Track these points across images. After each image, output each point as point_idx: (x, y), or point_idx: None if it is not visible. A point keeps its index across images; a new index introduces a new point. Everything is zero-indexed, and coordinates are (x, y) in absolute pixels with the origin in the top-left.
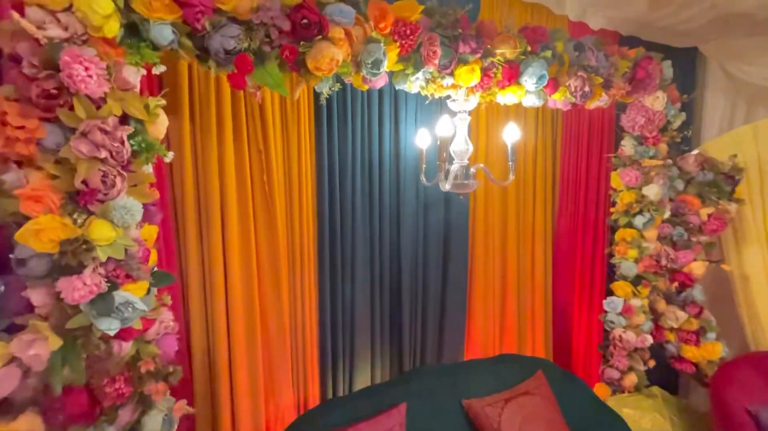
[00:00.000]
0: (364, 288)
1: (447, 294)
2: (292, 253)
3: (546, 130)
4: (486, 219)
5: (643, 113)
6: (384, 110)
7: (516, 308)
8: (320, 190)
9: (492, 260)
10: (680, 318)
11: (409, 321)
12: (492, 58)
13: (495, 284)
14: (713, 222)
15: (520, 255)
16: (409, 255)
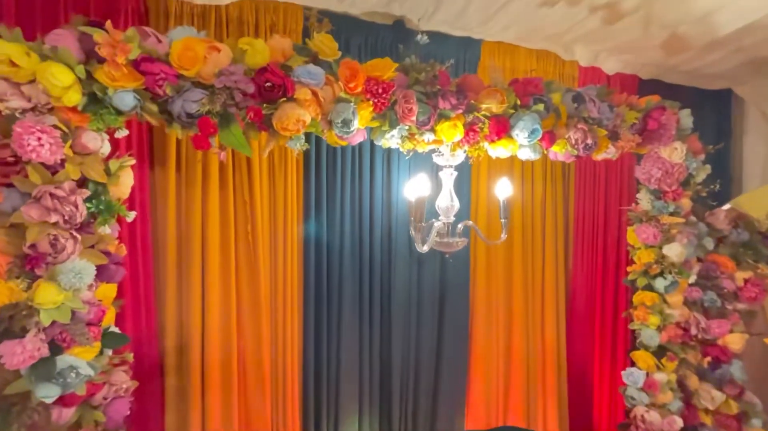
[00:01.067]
0: (352, 346)
1: (443, 355)
2: (275, 305)
3: (556, 179)
4: (489, 276)
5: (660, 165)
6: (376, 159)
7: (524, 374)
8: (307, 241)
9: (495, 320)
10: (716, 399)
11: (400, 384)
12: (477, 113)
13: (499, 346)
14: (751, 288)
15: (528, 315)
16: (401, 312)
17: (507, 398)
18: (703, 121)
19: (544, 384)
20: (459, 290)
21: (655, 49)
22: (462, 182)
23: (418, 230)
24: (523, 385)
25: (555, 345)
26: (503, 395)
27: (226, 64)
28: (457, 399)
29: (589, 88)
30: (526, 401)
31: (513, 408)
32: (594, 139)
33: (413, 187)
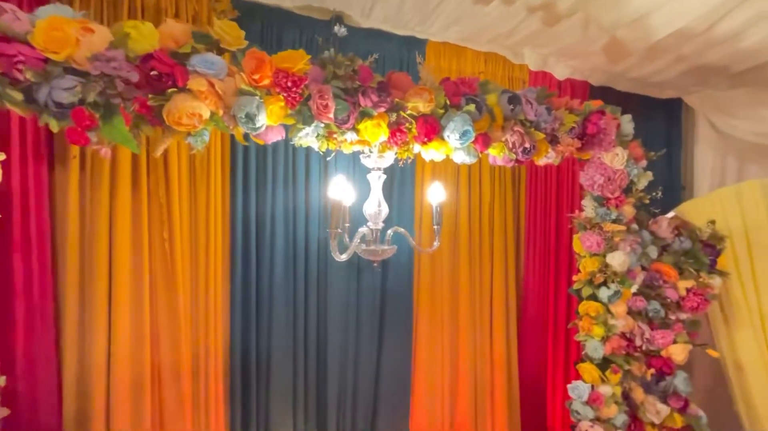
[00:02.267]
0: (284, 356)
1: (384, 363)
2: (196, 318)
3: (506, 184)
4: (434, 283)
5: (602, 171)
6: (312, 160)
7: (471, 383)
8: (233, 248)
9: (440, 328)
10: (661, 413)
11: (338, 393)
12: (402, 113)
13: (444, 355)
14: (693, 298)
15: (476, 324)
16: (339, 320)
17: (453, 407)
18: (655, 129)
19: (492, 393)
20: (402, 297)
21: (598, 54)
22: (405, 186)
23: (334, 237)
24: (470, 394)
25: (504, 353)
26: (449, 404)
27: (102, 47)
28: (400, 407)
29: (528, 90)
30: (473, 410)
31: (460, 417)
32: (532, 143)
33: (331, 190)
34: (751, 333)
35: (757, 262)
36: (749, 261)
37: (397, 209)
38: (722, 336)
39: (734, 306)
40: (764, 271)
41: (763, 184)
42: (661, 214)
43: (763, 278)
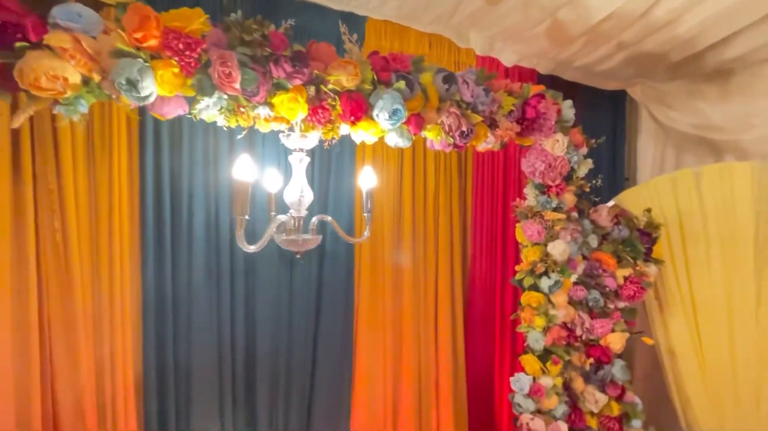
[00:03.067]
0: (209, 363)
1: (320, 361)
2: (99, 323)
3: (451, 172)
4: (375, 276)
5: (543, 158)
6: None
7: (416, 379)
8: (144, 240)
9: (383, 323)
10: (600, 401)
11: (269, 394)
12: (324, 87)
13: (387, 351)
14: (630, 286)
15: (420, 318)
16: (269, 319)
17: (397, 403)
18: (601, 121)
19: (438, 388)
20: (340, 290)
21: (541, 38)
22: (343, 172)
23: (240, 225)
24: (414, 390)
25: (450, 347)
26: (392, 400)
27: None
28: (340, 406)
29: (468, 71)
30: (417, 406)
31: (403, 415)
32: (469, 126)
33: (236, 170)
34: (683, 319)
35: (690, 249)
36: (683, 249)
37: (335, 196)
38: (657, 324)
39: (668, 293)
40: (696, 258)
41: (696, 172)
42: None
43: (695, 265)
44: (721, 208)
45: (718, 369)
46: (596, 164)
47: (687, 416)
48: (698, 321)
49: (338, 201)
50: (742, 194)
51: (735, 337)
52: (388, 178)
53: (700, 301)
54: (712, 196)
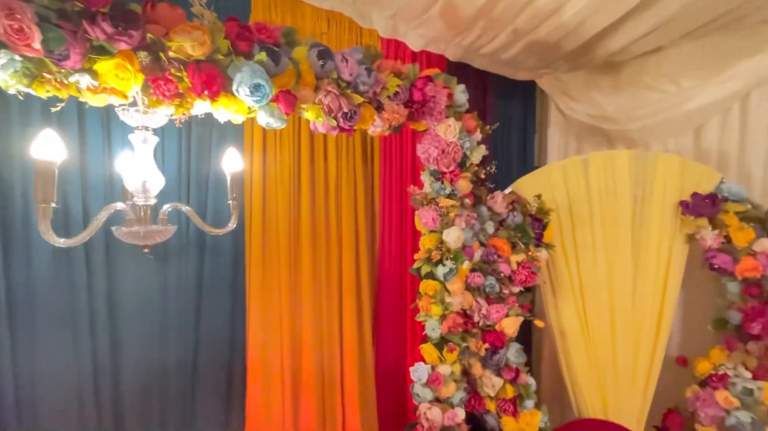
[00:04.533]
0: (61, 376)
1: (203, 364)
2: None
3: (355, 160)
4: (268, 270)
5: (436, 144)
6: (88, 115)
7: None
8: None
9: (279, 318)
10: (496, 385)
11: (140, 417)
12: (163, 54)
13: (284, 348)
14: (522, 271)
15: (322, 313)
16: (138, 323)
17: (297, 406)
18: (513, 111)
19: (343, 386)
20: (226, 288)
21: (437, 21)
22: None
23: (43, 215)
24: (316, 390)
25: (356, 342)
26: (291, 403)
27: None
28: (228, 414)
29: (354, 50)
30: (320, 407)
31: (305, 418)
32: (352, 107)
33: (35, 148)
34: (572, 301)
35: (578, 234)
36: (572, 233)
37: (215, 182)
38: (550, 306)
39: (559, 276)
40: (584, 243)
41: (583, 160)
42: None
43: (582, 249)
44: (604, 194)
45: (601, 346)
46: (508, 153)
47: (575, 391)
48: (585, 302)
49: (219, 187)
50: (621, 180)
51: (615, 316)
52: (283, 163)
53: (586, 283)
54: (597, 183)
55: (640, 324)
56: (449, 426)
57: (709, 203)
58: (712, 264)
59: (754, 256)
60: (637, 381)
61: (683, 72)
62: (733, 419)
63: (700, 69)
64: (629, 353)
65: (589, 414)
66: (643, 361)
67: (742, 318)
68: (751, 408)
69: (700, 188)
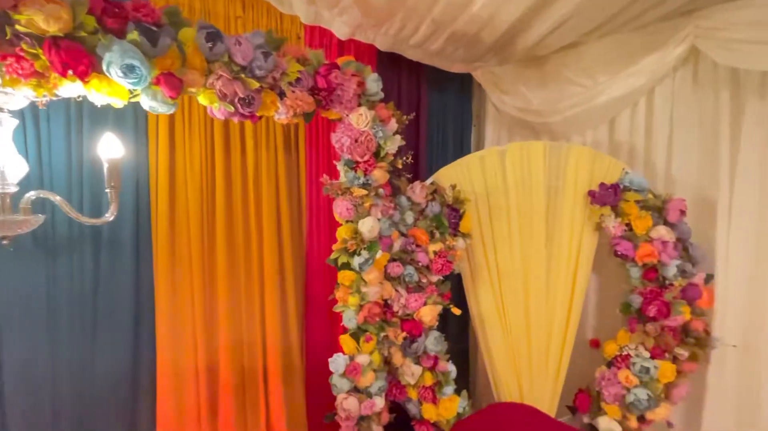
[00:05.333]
0: None
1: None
2: None
3: (276, 149)
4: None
5: (349, 133)
6: None
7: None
8: None
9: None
10: (416, 373)
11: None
12: (9, 28)
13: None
14: (439, 261)
15: (241, 309)
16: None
17: (214, 410)
18: (449, 103)
19: (267, 386)
20: (128, 287)
21: (353, 7)
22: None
23: None
24: (235, 392)
25: (279, 337)
26: (208, 404)
27: None
28: (135, 420)
29: (255, 34)
30: (241, 409)
31: (224, 417)
32: (248, 93)
33: None
34: (490, 289)
35: (496, 224)
36: (490, 223)
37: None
38: (470, 293)
39: (478, 265)
40: (501, 232)
41: (500, 151)
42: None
43: (499, 238)
44: (520, 184)
45: (516, 332)
46: (444, 146)
47: (494, 376)
48: (502, 290)
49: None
50: (536, 171)
51: (530, 303)
52: (193, 151)
53: (503, 271)
54: (514, 173)
55: (552, 311)
56: (367, 415)
57: (612, 192)
58: (616, 251)
59: (651, 242)
60: (549, 364)
61: (598, 67)
62: (632, 396)
63: (611, 64)
64: (543, 338)
65: (506, 398)
66: (555, 346)
67: (641, 301)
68: (648, 385)
69: (607, 179)
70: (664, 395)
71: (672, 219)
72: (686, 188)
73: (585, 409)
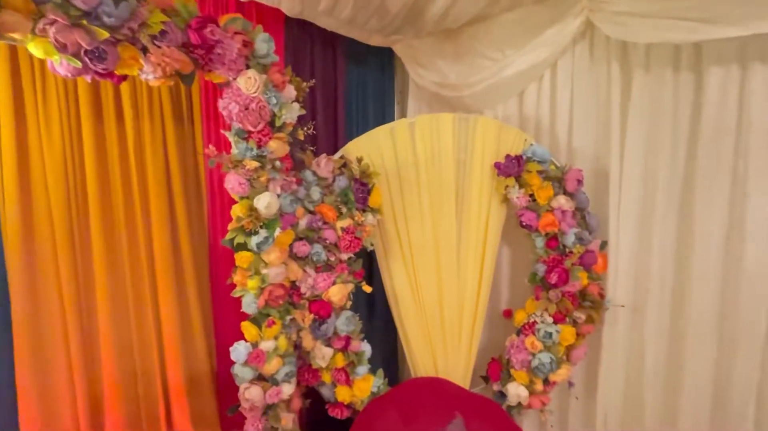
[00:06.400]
0: None
1: None
2: None
3: (163, 121)
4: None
5: (237, 98)
6: None
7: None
8: None
9: (61, 314)
10: (327, 355)
11: None
12: None
13: (71, 346)
14: (346, 237)
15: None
16: None
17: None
18: (370, 77)
19: (165, 390)
20: None
21: None
22: None
23: None
24: (126, 399)
25: (178, 334)
26: (90, 420)
27: None
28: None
29: None
30: (134, 417)
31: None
32: (96, 44)
33: None
34: (403, 264)
35: (406, 197)
36: (401, 198)
37: None
38: (384, 270)
39: (391, 241)
40: (411, 205)
41: (411, 123)
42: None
43: (411, 213)
44: (430, 157)
45: (430, 307)
46: (365, 123)
47: (410, 353)
48: (415, 265)
49: None
50: (445, 144)
51: (442, 277)
52: (50, 122)
53: (416, 246)
54: (423, 146)
55: (464, 284)
56: (274, 403)
57: (516, 163)
58: (522, 222)
59: (552, 212)
60: (462, 337)
61: (506, 40)
62: (536, 361)
63: (518, 37)
64: (455, 311)
65: (422, 373)
66: (467, 318)
67: (545, 269)
68: (551, 349)
69: (513, 150)
70: (566, 357)
71: (570, 189)
72: (585, 159)
73: (496, 377)
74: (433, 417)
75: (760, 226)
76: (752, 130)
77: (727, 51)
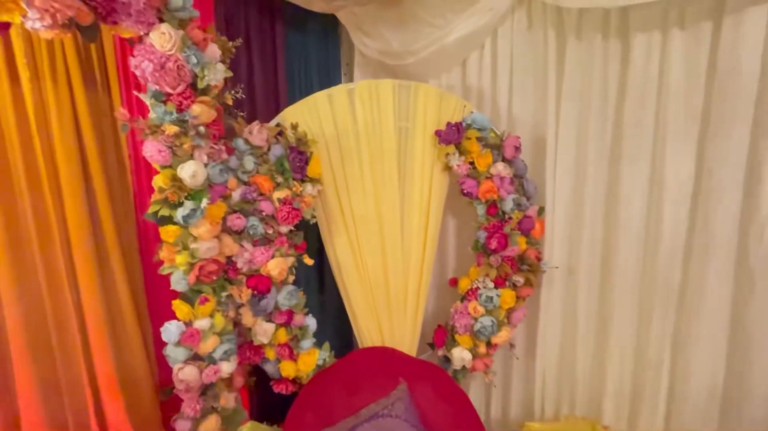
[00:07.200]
0: None
1: None
2: None
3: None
4: None
5: (151, 56)
6: None
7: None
8: None
9: None
10: (268, 331)
11: None
12: None
13: None
14: (283, 208)
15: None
16: None
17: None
18: (313, 46)
19: (95, 390)
20: None
21: None
22: None
23: None
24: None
25: (105, 324)
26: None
27: None
28: None
29: None
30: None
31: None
32: None
33: None
34: (346, 235)
35: (347, 166)
36: (342, 166)
37: None
38: (327, 242)
39: (333, 211)
40: (353, 175)
41: (349, 89)
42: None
43: (352, 182)
44: (370, 125)
45: (374, 277)
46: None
47: (356, 324)
48: (358, 236)
49: None
50: (386, 110)
51: (386, 247)
52: None
53: (358, 216)
54: (363, 113)
55: (408, 253)
56: (212, 383)
57: (455, 131)
58: (463, 190)
59: (491, 179)
60: (408, 306)
61: (448, 5)
62: (478, 324)
63: (458, 2)
64: (400, 281)
65: (368, 343)
66: (412, 287)
67: (486, 236)
68: (492, 313)
69: (454, 118)
70: (506, 320)
71: (508, 156)
72: (525, 127)
73: (441, 343)
74: (377, 386)
75: (677, 190)
76: (671, 96)
77: (651, 17)
